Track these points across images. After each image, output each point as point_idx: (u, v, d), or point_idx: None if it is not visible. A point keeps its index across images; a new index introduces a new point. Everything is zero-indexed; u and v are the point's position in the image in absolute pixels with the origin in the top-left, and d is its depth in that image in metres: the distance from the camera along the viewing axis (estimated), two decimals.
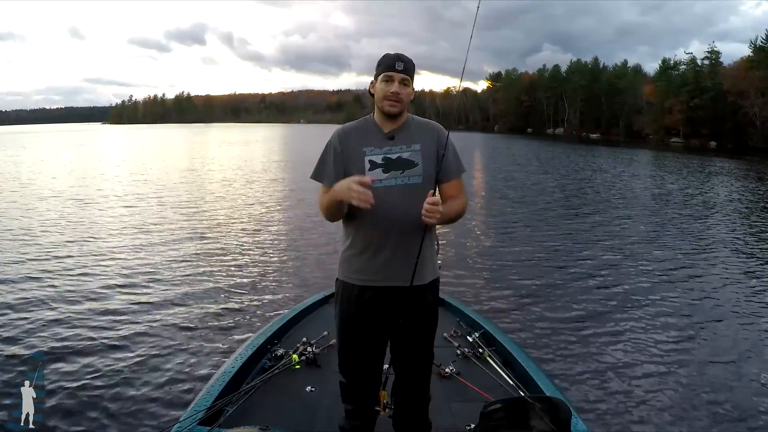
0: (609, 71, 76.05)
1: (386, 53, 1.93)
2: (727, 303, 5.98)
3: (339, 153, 1.93)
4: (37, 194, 14.02)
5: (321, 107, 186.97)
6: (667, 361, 4.45)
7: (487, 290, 6.29)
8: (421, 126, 1.99)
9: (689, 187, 17.07)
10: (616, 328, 5.17)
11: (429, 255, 1.99)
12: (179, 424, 2.04)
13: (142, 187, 15.63)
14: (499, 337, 3.04)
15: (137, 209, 11.78)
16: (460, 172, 2.01)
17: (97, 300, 5.70)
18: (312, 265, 7.30)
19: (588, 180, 18.83)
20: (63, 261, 7.28)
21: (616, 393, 3.90)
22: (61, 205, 12.20)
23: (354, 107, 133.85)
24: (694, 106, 52.17)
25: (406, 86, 1.91)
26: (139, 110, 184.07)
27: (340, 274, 2.02)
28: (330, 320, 3.11)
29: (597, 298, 6.08)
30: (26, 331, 4.81)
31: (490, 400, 1.85)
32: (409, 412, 2.11)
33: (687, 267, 7.48)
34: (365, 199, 1.70)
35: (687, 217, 11.55)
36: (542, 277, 6.90)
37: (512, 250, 8.37)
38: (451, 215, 1.94)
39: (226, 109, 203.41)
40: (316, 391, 2.53)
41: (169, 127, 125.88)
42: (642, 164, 27.18)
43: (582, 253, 8.21)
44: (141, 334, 4.81)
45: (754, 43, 49.93)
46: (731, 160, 29.84)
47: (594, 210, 12.46)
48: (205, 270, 6.98)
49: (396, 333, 1.98)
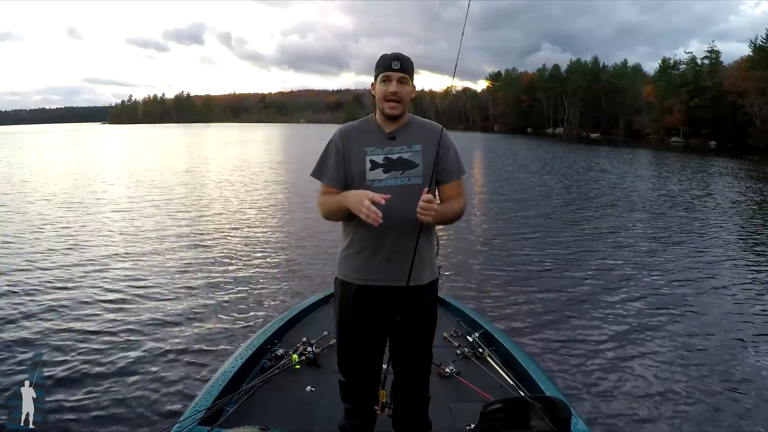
0: (609, 71, 76.00)
1: (383, 54, 1.93)
2: (731, 304, 5.97)
3: (340, 152, 1.93)
4: (38, 194, 14.04)
5: (321, 107, 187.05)
6: (668, 361, 4.45)
7: (487, 290, 6.29)
8: (423, 126, 2.00)
9: (691, 187, 17.07)
10: (617, 328, 5.16)
11: (428, 256, 1.99)
12: (179, 424, 2.04)
13: (142, 187, 15.62)
14: (499, 337, 3.04)
15: (137, 209, 11.77)
16: (460, 174, 2.02)
17: (96, 300, 5.70)
18: (312, 265, 7.29)
19: (589, 180, 18.83)
20: (62, 262, 7.28)
21: (616, 393, 3.90)
22: (60, 206, 12.19)
23: (354, 107, 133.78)
24: (694, 105, 52.16)
25: (405, 85, 1.91)
26: (139, 110, 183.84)
27: (338, 273, 2.03)
28: (330, 320, 3.10)
29: (598, 298, 6.08)
30: (26, 331, 4.81)
31: (490, 400, 1.85)
32: (408, 412, 2.12)
33: (689, 268, 7.47)
34: (374, 219, 1.71)
35: (688, 218, 11.55)
36: (542, 277, 6.91)
37: (512, 250, 8.37)
38: (448, 215, 1.94)
39: (225, 108, 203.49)
40: (316, 391, 2.53)
41: (168, 127, 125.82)
42: (643, 164, 27.17)
43: (582, 254, 8.21)
44: (141, 334, 4.81)
45: (754, 43, 49.97)
46: (732, 160, 29.85)
47: (594, 210, 12.46)
48: (205, 270, 6.98)
49: (395, 332, 1.99)
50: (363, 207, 1.72)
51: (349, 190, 1.86)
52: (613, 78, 72.02)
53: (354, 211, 1.77)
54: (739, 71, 49.40)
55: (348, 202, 1.80)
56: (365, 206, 1.72)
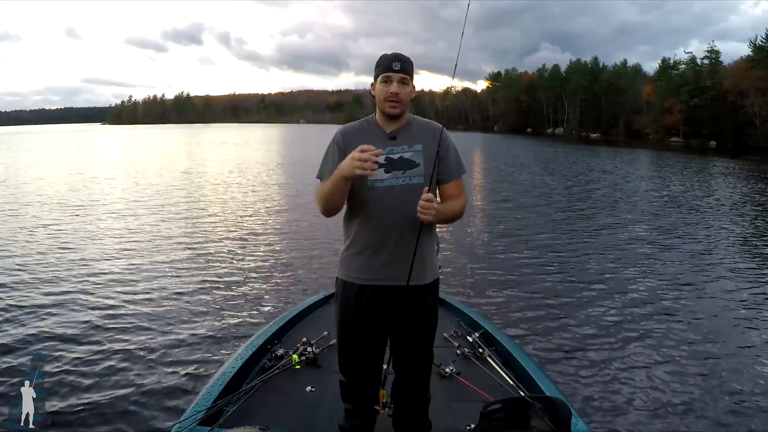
0: (609, 71, 76.04)
1: (383, 54, 1.93)
2: (731, 304, 5.96)
3: (342, 151, 1.93)
4: (44, 193, 14.05)
5: (320, 107, 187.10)
6: (668, 361, 4.45)
7: (487, 290, 6.29)
8: (423, 126, 2.00)
9: (691, 188, 17.07)
10: (617, 328, 5.16)
11: (429, 255, 2.00)
12: (179, 424, 2.04)
13: (142, 188, 15.62)
14: (499, 337, 3.04)
15: (137, 209, 11.77)
16: (461, 173, 2.02)
17: (96, 301, 5.69)
18: (312, 265, 7.29)
19: (589, 180, 18.83)
20: (62, 262, 7.27)
21: (616, 393, 3.89)
22: (62, 206, 12.19)
23: (354, 107, 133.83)
24: (693, 105, 52.22)
25: (405, 85, 1.92)
26: (139, 110, 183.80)
27: (340, 273, 2.03)
28: (330, 320, 3.10)
29: (597, 298, 6.08)
30: (26, 331, 4.80)
31: (490, 400, 1.85)
32: (409, 412, 2.12)
33: (690, 268, 7.47)
34: (369, 166, 1.69)
35: (689, 218, 11.56)
36: (543, 277, 6.90)
37: (513, 251, 8.36)
38: (448, 215, 1.95)
39: (225, 109, 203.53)
40: (316, 391, 2.53)
41: (168, 127, 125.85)
42: (643, 164, 27.18)
43: (583, 254, 8.21)
44: (141, 334, 4.81)
45: (754, 43, 50.01)
46: (732, 160, 29.84)
47: (595, 211, 12.46)
48: (205, 270, 6.98)
49: (396, 332, 1.99)
50: (355, 160, 1.69)
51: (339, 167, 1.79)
52: (612, 78, 72.07)
53: (348, 172, 1.73)
54: (739, 71, 49.44)
55: (340, 170, 1.77)
56: (356, 157, 1.70)
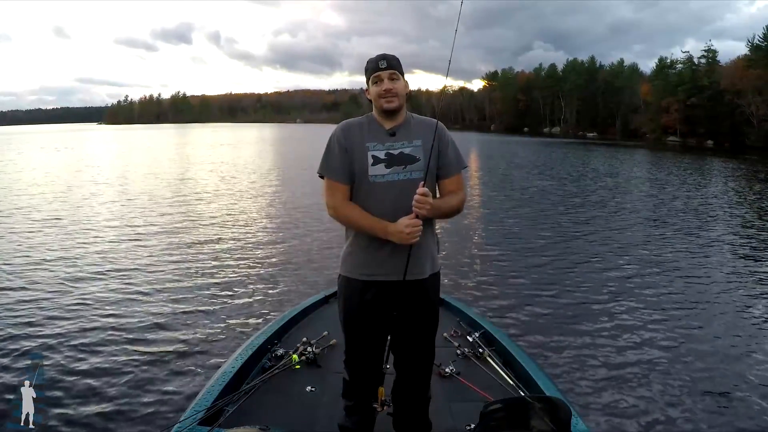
0: (605, 70, 76.19)
1: (369, 58, 1.99)
2: (731, 303, 5.98)
3: (343, 147, 1.95)
4: (52, 189, 14.01)
5: (317, 107, 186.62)
6: (668, 361, 4.45)
7: (487, 290, 6.29)
8: (422, 123, 2.04)
9: (690, 188, 17.11)
10: (616, 328, 5.16)
11: (429, 249, 2.01)
12: (179, 424, 2.04)
13: (141, 188, 15.60)
14: (499, 337, 3.05)
15: (137, 209, 11.75)
16: (461, 168, 2.05)
17: (96, 301, 5.68)
18: (312, 265, 7.29)
19: (588, 180, 18.86)
20: (62, 262, 7.26)
21: (616, 393, 3.90)
22: (61, 201, 12.16)
23: (350, 106, 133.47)
24: (691, 104, 52.26)
25: (396, 80, 1.96)
26: (135, 110, 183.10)
27: (342, 270, 2.04)
28: (330, 320, 3.11)
29: (597, 298, 6.08)
30: (25, 331, 4.79)
31: (490, 400, 1.86)
32: (409, 412, 2.12)
33: (689, 267, 7.48)
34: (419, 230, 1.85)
35: (688, 218, 11.58)
36: (543, 276, 6.91)
37: (512, 250, 8.37)
38: (444, 210, 1.97)
39: (222, 109, 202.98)
40: (316, 391, 2.53)
41: (165, 127, 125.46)
42: (642, 164, 27.22)
43: (583, 254, 8.21)
44: (141, 334, 4.80)
45: (751, 42, 50.06)
46: (730, 160, 29.91)
47: (595, 210, 12.47)
48: (205, 271, 6.96)
49: (397, 329, 2.00)
50: (404, 228, 1.82)
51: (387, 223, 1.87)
52: (609, 77, 72.16)
53: (393, 239, 1.86)
54: (737, 70, 49.45)
55: (386, 233, 1.87)
56: (405, 225, 1.82)
